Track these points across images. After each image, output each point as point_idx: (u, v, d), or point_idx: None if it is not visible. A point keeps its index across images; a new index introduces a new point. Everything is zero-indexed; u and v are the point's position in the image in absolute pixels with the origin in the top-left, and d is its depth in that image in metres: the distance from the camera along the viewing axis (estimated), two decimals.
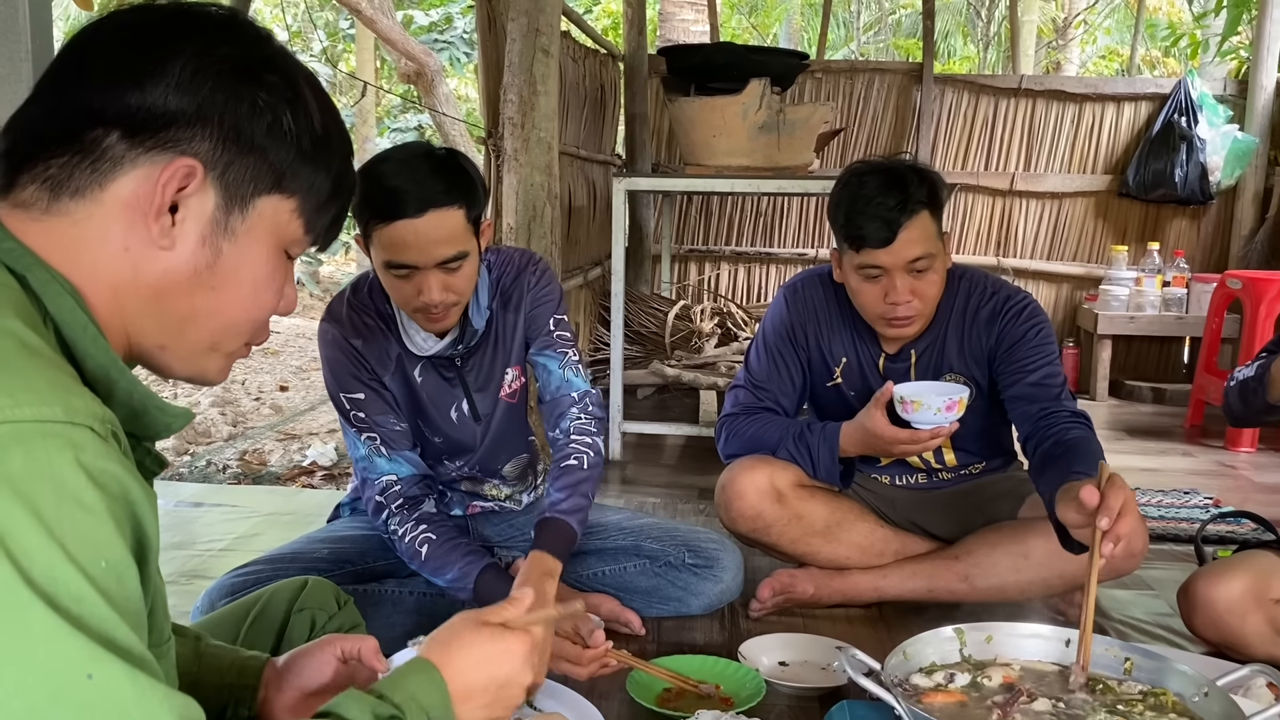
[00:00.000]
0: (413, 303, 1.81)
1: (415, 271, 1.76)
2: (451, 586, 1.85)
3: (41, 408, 0.66)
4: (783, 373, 2.24)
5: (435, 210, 1.72)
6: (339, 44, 13.09)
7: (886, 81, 5.40)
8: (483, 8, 3.19)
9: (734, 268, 5.64)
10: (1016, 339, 2.11)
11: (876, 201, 1.98)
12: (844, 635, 2.05)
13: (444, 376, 2.00)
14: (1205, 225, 5.26)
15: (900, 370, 2.18)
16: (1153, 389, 4.90)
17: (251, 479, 3.58)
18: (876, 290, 2.04)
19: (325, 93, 0.90)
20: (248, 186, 0.84)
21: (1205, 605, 1.95)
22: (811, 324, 2.23)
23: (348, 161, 0.92)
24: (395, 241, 1.73)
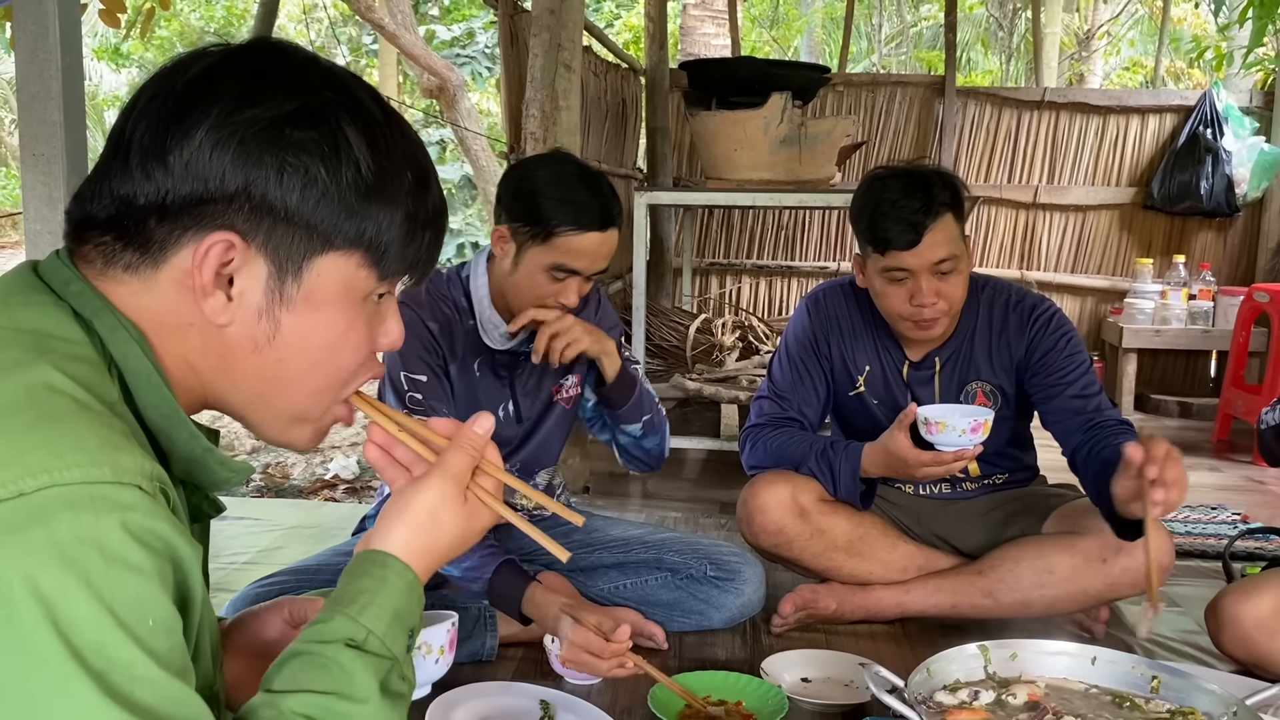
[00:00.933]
0: (548, 302, 1.91)
1: (573, 278, 1.90)
2: (466, 576, 1.85)
3: (90, 469, 0.66)
4: (806, 383, 2.24)
5: (614, 228, 1.91)
6: (362, 59, 13.21)
7: (908, 94, 5.39)
8: (505, 23, 3.21)
9: (755, 281, 5.63)
10: (1049, 349, 2.12)
11: (900, 204, 1.99)
12: (867, 651, 2.04)
13: (498, 375, 2.06)
14: (1231, 238, 5.21)
15: (924, 378, 2.18)
16: (1179, 403, 4.86)
17: (274, 492, 3.60)
18: (902, 293, 2.05)
19: (383, 126, 0.83)
20: (297, 252, 0.80)
21: (1233, 623, 1.93)
22: (834, 333, 2.24)
23: (421, 192, 0.85)
24: (576, 249, 1.87)
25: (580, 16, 3.07)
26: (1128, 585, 2.07)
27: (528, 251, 1.90)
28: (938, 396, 2.19)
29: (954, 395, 2.19)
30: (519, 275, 1.92)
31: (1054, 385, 2.10)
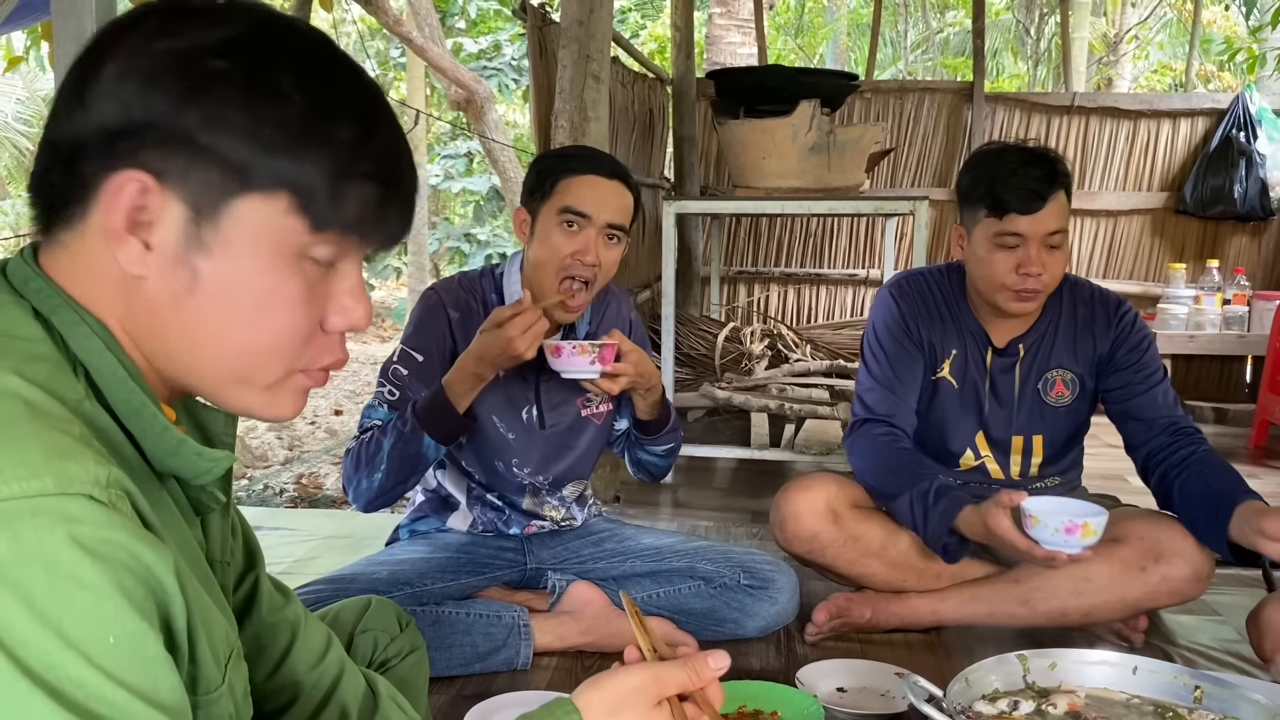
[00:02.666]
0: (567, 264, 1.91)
1: (586, 226, 1.90)
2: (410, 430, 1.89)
3: (31, 481, 0.62)
4: (905, 366, 2.22)
5: (620, 182, 1.94)
6: (390, 72, 13.32)
7: (936, 101, 5.37)
8: (534, 35, 3.23)
9: (783, 289, 5.63)
10: (1134, 347, 2.14)
11: (1023, 172, 2.03)
12: (902, 660, 2.02)
13: (524, 378, 2.06)
14: (1266, 242, 5.16)
15: (1008, 364, 2.19)
16: (1214, 409, 4.81)
17: (308, 502, 3.63)
18: (1010, 260, 2.05)
19: (324, 66, 0.77)
20: (212, 192, 0.74)
21: (1277, 632, 1.90)
22: (923, 318, 2.23)
23: (365, 141, 0.77)
24: (581, 189, 1.90)
25: (609, 28, 3.08)
26: (1166, 594, 2.05)
27: (540, 214, 1.94)
28: (1017, 384, 2.19)
29: (1035, 381, 2.19)
30: (536, 243, 1.95)
31: (1138, 384, 2.13)
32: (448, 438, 1.92)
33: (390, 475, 1.91)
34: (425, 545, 2.12)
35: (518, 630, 1.98)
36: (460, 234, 12.30)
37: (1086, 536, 1.79)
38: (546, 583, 2.12)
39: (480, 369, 1.87)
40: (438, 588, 2.02)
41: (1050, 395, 2.18)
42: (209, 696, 0.77)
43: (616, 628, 2.05)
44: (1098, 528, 1.79)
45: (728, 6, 8.99)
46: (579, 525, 2.24)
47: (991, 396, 2.18)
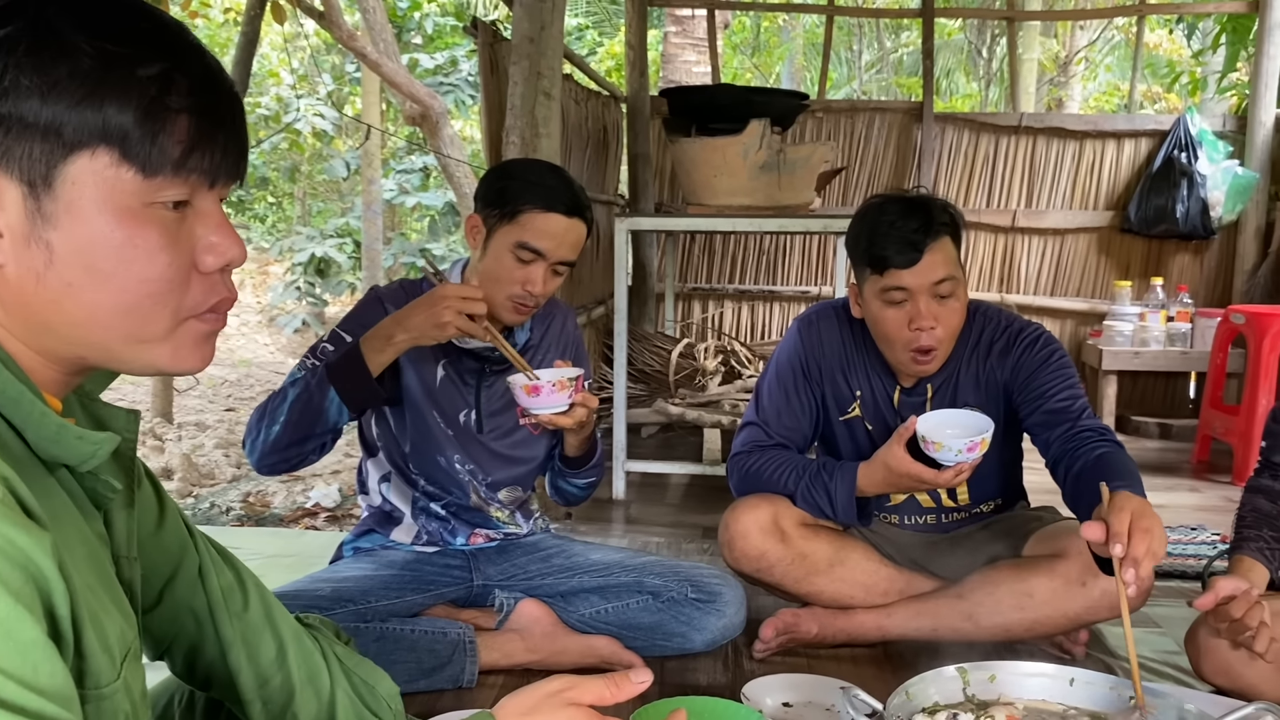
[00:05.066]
0: (513, 289, 1.96)
1: (538, 261, 1.95)
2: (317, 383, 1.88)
3: None
4: (795, 406, 2.24)
5: (579, 218, 1.98)
6: (345, 87, 13.24)
7: (887, 120, 5.44)
8: (485, 52, 3.23)
9: (738, 305, 5.66)
10: (1034, 367, 2.12)
11: (899, 224, 2.00)
12: (848, 675, 2.03)
13: (464, 381, 2.09)
14: (1208, 260, 5.27)
15: (916, 404, 2.18)
16: (1159, 424, 4.89)
17: (255, 521, 3.58)
18: (900, 316, 2.03)
19: (110, 8, 0.75)
20: (40, 163, 0.73)
21: (1213, 652, 1.92)
22: (826, 357, 2.23)
23: (169, 74, 0.75)
24: (541, 228, 1.94)
25: (560, 45, 3.09)
26: (1107, 608, 2.07)
27: (496, 233, 1.97)
28: None
29: None
30: (488, 259, 1.98)
31: (1036, 399, 2.10)
32: (353, 398, 1.88)
33: (288, 429, 1.88)
34: (370, 562, 2.11)
35: (463, 647, 1.96)
36: (415, 249, 12.24)
37: (984, 448, 1.91)
38: (494, 600, 2.12)
39: (395, 329, 1.86)
40: (382, 605, 2.00)
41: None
42: (99, 692, 0.75)
43: (563, 645, 2.05)
44: (989, 437, 1.91)
45: (683, 25, 9.05)
46: (524, 536, 2.24)
47: None
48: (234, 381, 8.43)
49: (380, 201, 11.55)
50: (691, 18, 8.77)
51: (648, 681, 0.93)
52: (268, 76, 12.76)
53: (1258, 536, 1.95)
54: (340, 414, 1.89)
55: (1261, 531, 1.96)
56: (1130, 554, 1.55)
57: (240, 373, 9.05)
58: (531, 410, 1.92)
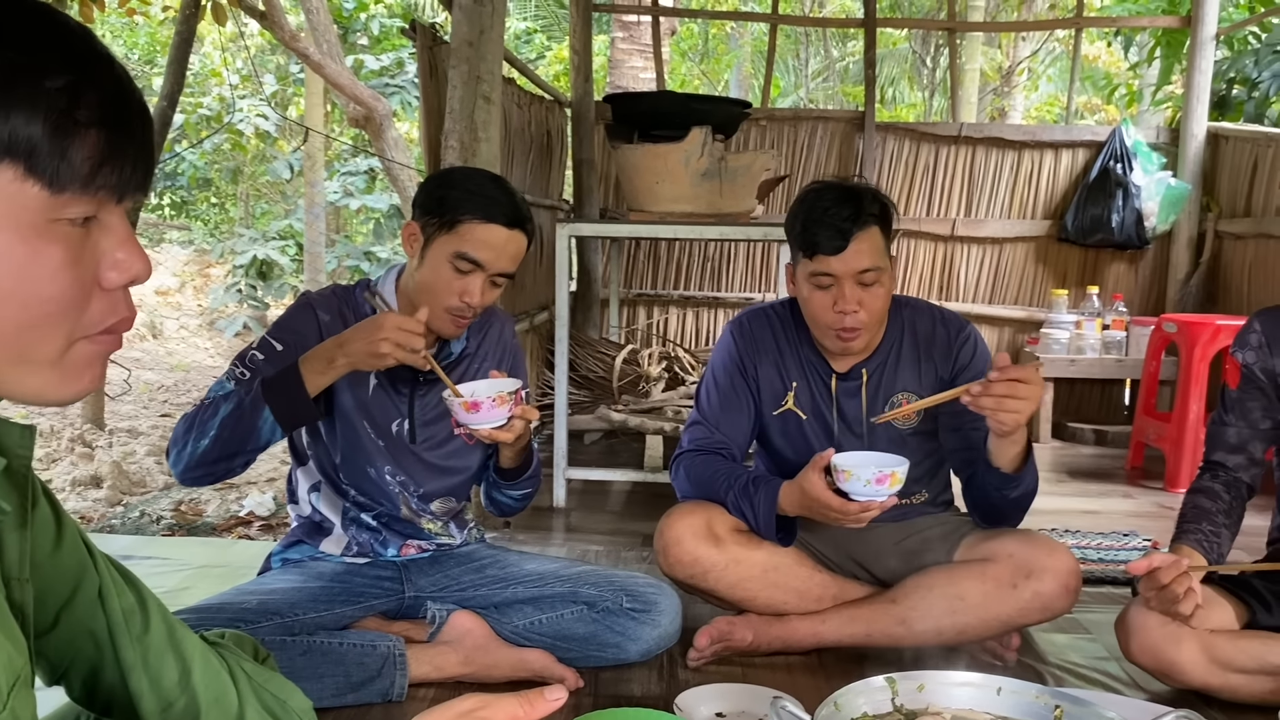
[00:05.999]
0: (450, 300, 1.93)
1: (476, 272, 1.92)
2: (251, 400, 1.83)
3: None
4: (732, 405, 2.26)
5: (519, 230, 1.95)
6: (289, 88, 13.08)
7: (830, 129, 5.48)
8: (424, 55, 3.20)
9: (682, 312, 5.66)
10: (976, 373, 2.14)
11: (832, 212, 2.05)
12: (783, 683, 2.03)
13: (397, 390, 2.06)
14: (1143, 269, 5.37)
15: (852, 389, 2.21)
16: (1094, 431, 4.97)
17: (186, 530, 3.50)
18: (826, 299, 2.09)
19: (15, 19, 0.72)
20: None
21: (1141, 631, 1.96)
22: (760, 354, 2.26)
23: (78, 86, 0.73)
24: (481, 239, 1.91)
25: (500, 49, 3.07)
26: (1038, 610, 2.10)
27: (434, 242, 1.94)
28: (864, 408, 2.21)
29: (880, 406, 2.21)
30: (425, 269, 1.95)
31: (965, 417, 2.10)
32: (288, 418, 1.84)
33: (217, 444, 1.83)
34: (299, 574, 2.07)
35: (393, 660, 1.93)
36: (360, 252, 12.11)
37: (894, 485, 1.90)
38: (426, 612, 2.08)
39: (336, 353, 1.82)
40: (310, 617, 1.97)
41: (899, 421, 2.21)
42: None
43: (495, 658, 2.02)
44: (902, 475, 1.91)
45: (630, 31, 9.05)
46: (458, 547, 2.21)
47: (840, 422, 2.22)
48: (170, 386, 8.26)
49: (323, 204, 11.42)
50: (638, 24, 8.78)
51: (562, 699, 0.91)
52: (210, 76, 12.57)
53: (1197, 529, 2.00)
54: (273, 432, 1.85)
55: (1201, 525, 2.01)
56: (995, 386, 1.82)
57: (178, 377, 8.88)
58: (471, 426, 1.89)
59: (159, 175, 13.68)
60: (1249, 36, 6.01)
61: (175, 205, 15.86)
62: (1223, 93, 5.83)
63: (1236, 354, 2.10)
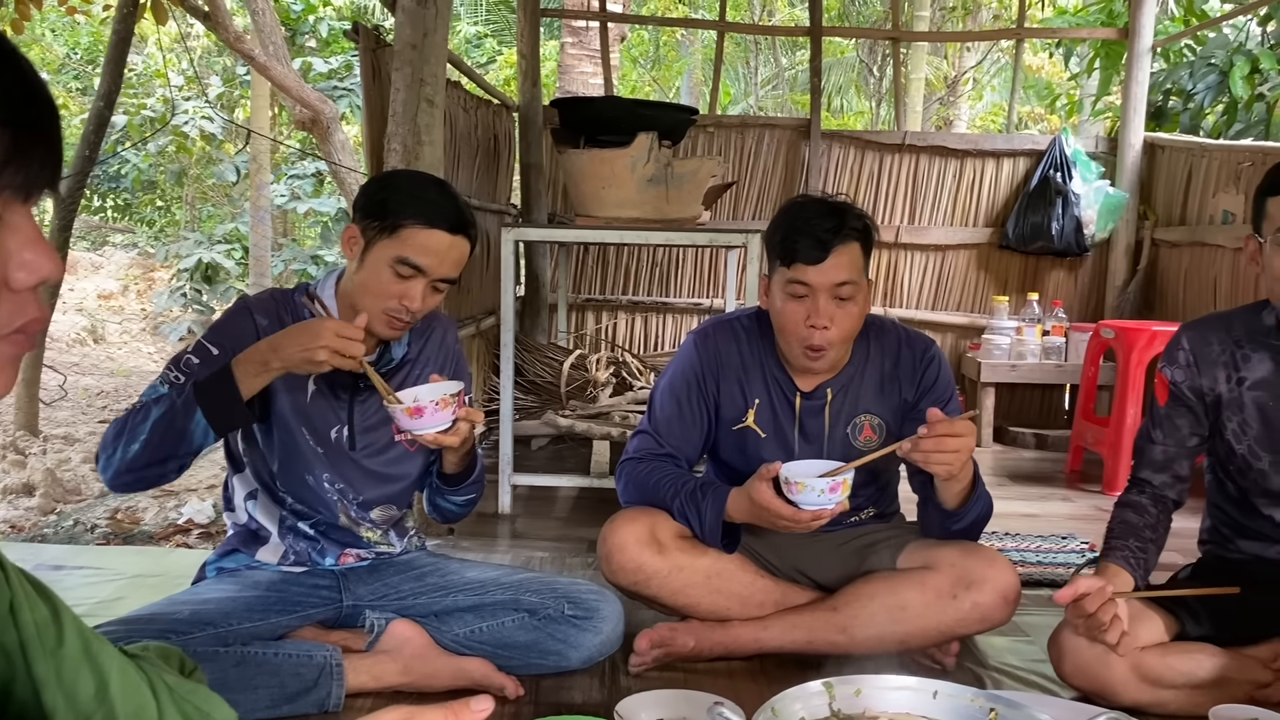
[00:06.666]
0: (389, 303, 1.91)
1: (417, 277, 1.90)
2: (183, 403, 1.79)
3: None
4: (686, 419, 2.25)
5: (462, 235, 1.94)
6: (236, 90, 12.90)
7: (776, 136, 5.51)
8: (367, 57, 3.17)
9: (631, 317, 5.66)
10: (938, 399, 2.17)
11: (814, 222, 2.06)
12: (725, 689, 2.03)
13: (336, 396, 2.03)
14: (1082, 276, 5.46)
15: (816, 408, 2.21)
16: (1035, 435, 5.04)
17: (122, 539, 3.43)
18: (800, 311, 2.08)
19: None
20: None
21: (1073, 653, 1.98)
22: (723, 369, 2.25)
23: None
24: (423, 244, 1.89)
25: (444, 52, 3.05)
26: (977, 620, 2.13)
27: (375, 246, 1.91)
28: (827, 428, 2.21)
29: (843, 426, 2.22)
30: (364, 272, 1.93)
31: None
32: (220, 421, 1.80)
33: (148, 449, 1.79)
34: (233, 583, 2.03)
35: (329, 670, 1.90)
36: (307, 256, 11.98)
37: (845, 491, 1.93)
38: (364, 621, 2.06)
39: (271, 356, 1.79)
40: (245, 628, 1.93)
41: (859, 440, 2.22)
42: None
43: (435, 667, 2.00)
44: (851, 480, 1.95)
45: (580, 37, 9.05)
46: (397, 555, 2.19)
47: (801, 440, 2.22)
48: (110, 392, 8.10)
49: (270, 207, 11.28)
50: (587, 30, 8.78)
51: (489, 709, 0.91)
52: (154, 77, 12.37)
53: (1124, 546, 2.02)
54: (206, 436, 1.81)
55: (1128, 542, 2.03)
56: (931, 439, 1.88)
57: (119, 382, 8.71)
58: (415, 432, 1.87)
59: (102, 177, 13.44)
60: (1184, 49, 6.15)
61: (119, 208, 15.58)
62: (1159, 104, 5.96)
63: (1165, 370, 2.11)
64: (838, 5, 13.27)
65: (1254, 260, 1.96)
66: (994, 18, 12.50)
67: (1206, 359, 2.06)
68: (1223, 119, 5.65)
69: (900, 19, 6.39)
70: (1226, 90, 5.46)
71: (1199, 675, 1.94)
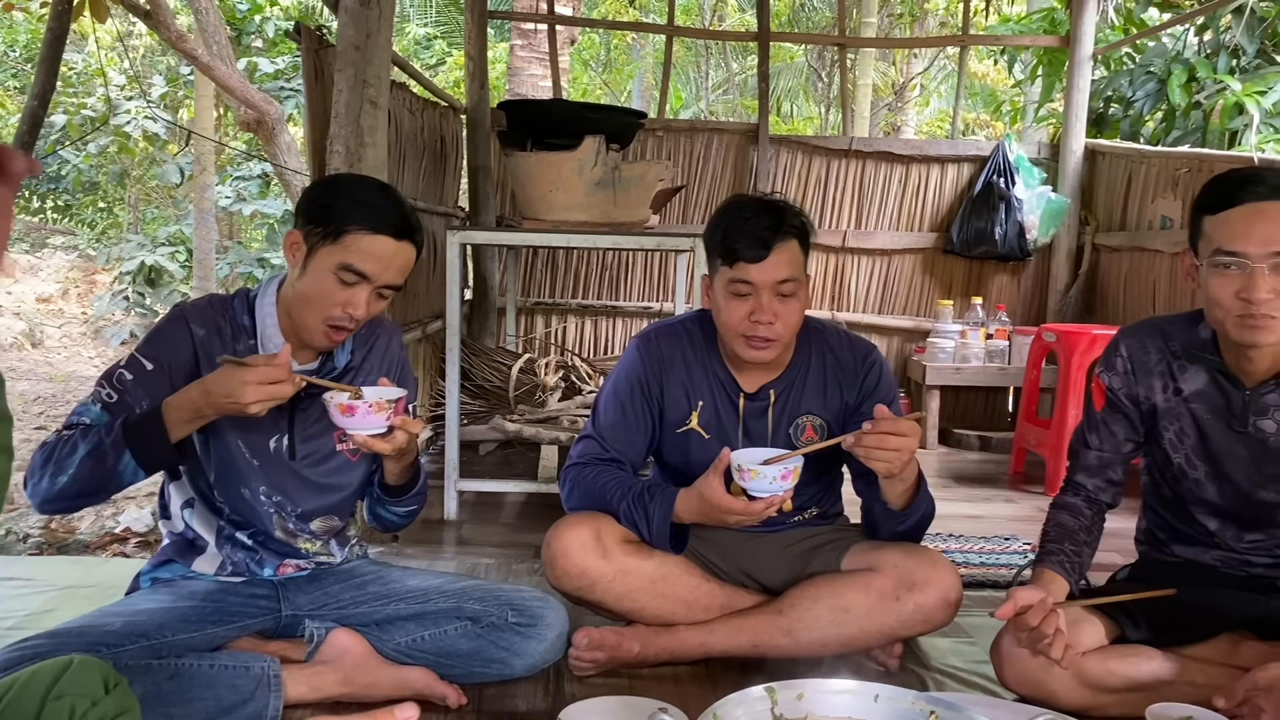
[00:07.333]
0: (333, 311, 1.88)
1: (362, 284, 1.87)
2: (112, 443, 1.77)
3: None
4: (630, 423, 2.25)
5: (408, 240, 1.90)
6: (180, 89, 12.69)
7: (725, 141, 5.52)
8: (309, 58, 3.13)
9: (580, 321, 5.65)
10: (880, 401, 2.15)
11: (753, 221, 2.08)
12: (670, 695, 2.02)
13: (278, 407, 1.94)
14: (1025, 280, 5.54)
15: (759, 409, 2.22)
16: (979, 437, 5.11)
17: (56, 548, 3.35)
18: (743, 308, 2.10)
19: None
20: None
21: (1014, 660, 1.99)
22: (667, 372, 2.25)
23: None
24: (367, 250, 1.86)
25: (387, 53, 3.01)
26: (920, 622, 2.14)
27: (318, 252, 1.88)
28: (770, 429, 2.22)
29: (785, 427, 2.23)
30: (307, 279, 1.89)
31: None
32: (150, 462, 1.79)
33: (76, 482, 1.77)
34: (168, 594, 1.99)
35: (267, 682, 1.87)
36: (253, 259, 11.81)
37: (795, 479, 1.94)
38: (304, 630, 2.02)
39: (202, 404, 1.77)
40: (180, 639, 1.89)
41: (801, 440, 2.23)
42: None
43: (375, 677, 1.97)
44: (800, 468, 1.95)
45: (529, 39, 9.01)
46: (338, 564, 2.15)
47: (745, 440, 2.22)
48: (49, 397, 7.92)
49: (214, 209, 11.11)
50: (536, 32, 8.74)
51: (413, 718, 0.89)
52: (94, 76, 12.13)
53: (1059, 550, 2.04)
54: (135, 474, 1.80)
55: (1063, 546, 2.05)
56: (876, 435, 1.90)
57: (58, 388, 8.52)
58: (348, 431, 1.85)
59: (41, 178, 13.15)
60: (1124, 57, 6.27)
61: (59, 209, 15.26)
62: (1100, 110, 6.07)
63: (1103, 376, 2.13)
64: (787, 11, 13.38)
65: (1189, 277, 1.96)
66: (940, 25, 12.65)
67: (1144, 367, 2.07)
68: (1161, 126, 5.76)
69: (847, 25, 6.44)
70: (1165, 98, 5.57)
71: (1138, 678, 1.96)
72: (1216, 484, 2.03)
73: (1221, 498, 2.03)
